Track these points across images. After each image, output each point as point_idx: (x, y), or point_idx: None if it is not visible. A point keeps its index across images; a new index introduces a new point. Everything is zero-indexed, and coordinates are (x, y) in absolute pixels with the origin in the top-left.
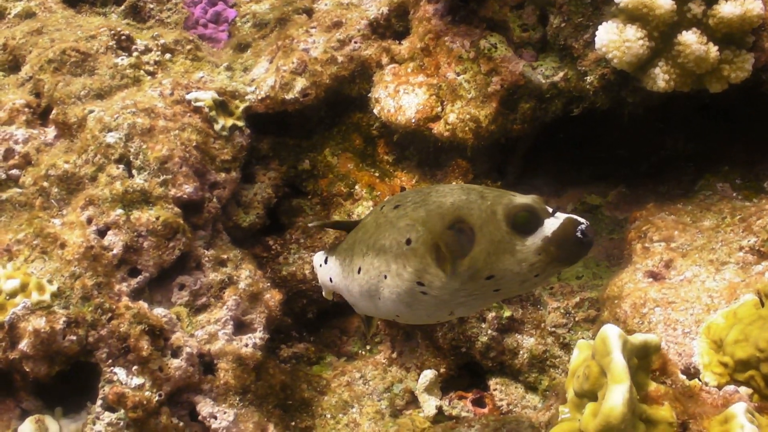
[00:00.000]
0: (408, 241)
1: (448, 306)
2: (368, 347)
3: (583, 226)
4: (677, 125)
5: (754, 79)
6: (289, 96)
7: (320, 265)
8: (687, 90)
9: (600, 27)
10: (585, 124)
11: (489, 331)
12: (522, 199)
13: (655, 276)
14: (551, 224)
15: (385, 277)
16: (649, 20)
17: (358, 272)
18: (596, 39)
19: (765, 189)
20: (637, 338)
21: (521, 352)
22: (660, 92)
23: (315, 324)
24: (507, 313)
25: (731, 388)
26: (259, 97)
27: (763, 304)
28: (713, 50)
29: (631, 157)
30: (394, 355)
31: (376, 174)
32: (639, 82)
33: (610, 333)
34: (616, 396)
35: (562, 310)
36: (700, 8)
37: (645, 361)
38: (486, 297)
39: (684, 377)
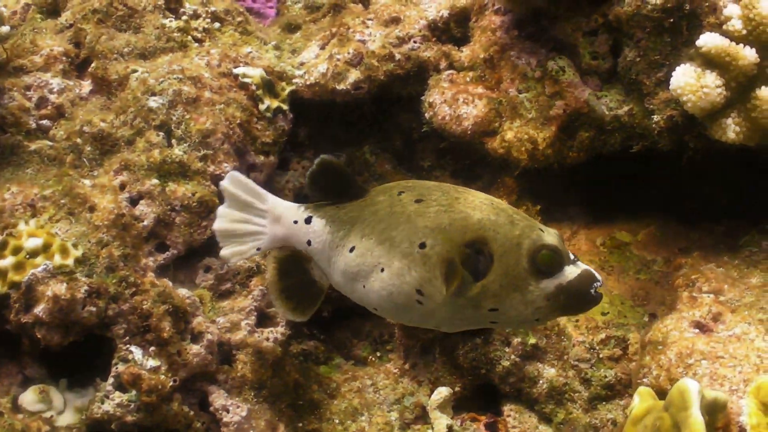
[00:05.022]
0: (422, 245)
1: (438, 320)
2: (378, 354)
3: (598, 283)
4: (715, 173)
5: None
6: (341, 86)
7: (295, 222)
8: (752, 145)
9: (678, 68)
10: (622, 158)
11: (512, 357)
12: (550, 237)
13: (702, 327)
14: (570, 272)
15: (382, 270)
16: (729, 69)
17: (351, 251)
18: (672, 80)
19: None
20: (710, 394)
21: (541, 381)
22: (727, 143)
23: (328, 323)
24: (532, 341)
25: None
26: (308, 83)
27: None
28: None
29: (665, 199)
30: (407, 366)
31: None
32: (705, 129)
33: (691, 387)
34: None
35: (586, 345)
36: None
37: (712, 418)
38: (479, 324)
39: None
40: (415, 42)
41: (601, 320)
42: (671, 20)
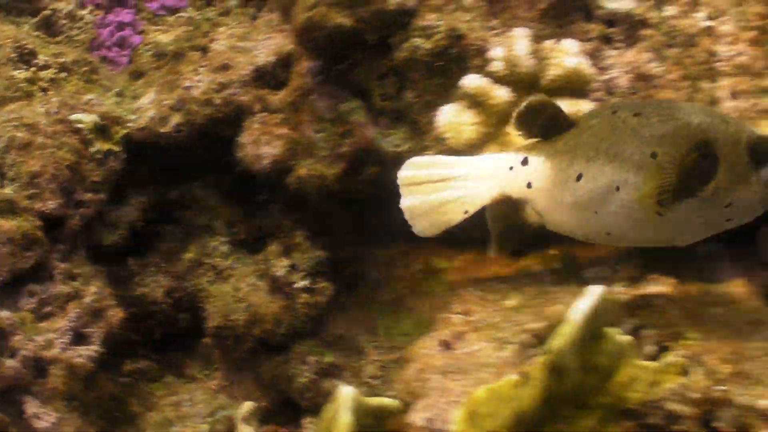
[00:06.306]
0: (653, 155)
1: (677, 229)
2: (206, 372)
3: None
4: None
5: None
6: (164, 130)
7: (510, 168)
8: None
9: (443, 108)
10: None
11: (308, 374)
12: (759, 130)
13: (446, 345)
14: None
15: (618, 189)
16: (486, 107)
17: (578, 179)
18: (437, 118)
19: (582, 277)
20: (375, 401)
21: None
22: None
23: (161, 344)
24: (329, 359)
25: None
26: (139, 126)
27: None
28: None
29: None
30: (226, 383)
31: (240, 213)
32: None
33: (343, 392)
34: None
35: (380, 364)
36: None
37: (378, 422)
38: (714, 224)
39: None
40: (235, 87)
41: (400, 341)
42: (441, 63)
